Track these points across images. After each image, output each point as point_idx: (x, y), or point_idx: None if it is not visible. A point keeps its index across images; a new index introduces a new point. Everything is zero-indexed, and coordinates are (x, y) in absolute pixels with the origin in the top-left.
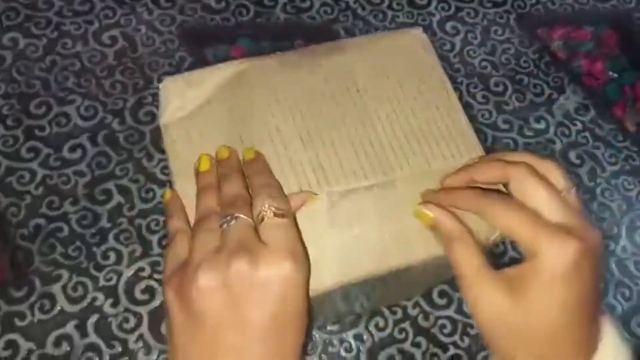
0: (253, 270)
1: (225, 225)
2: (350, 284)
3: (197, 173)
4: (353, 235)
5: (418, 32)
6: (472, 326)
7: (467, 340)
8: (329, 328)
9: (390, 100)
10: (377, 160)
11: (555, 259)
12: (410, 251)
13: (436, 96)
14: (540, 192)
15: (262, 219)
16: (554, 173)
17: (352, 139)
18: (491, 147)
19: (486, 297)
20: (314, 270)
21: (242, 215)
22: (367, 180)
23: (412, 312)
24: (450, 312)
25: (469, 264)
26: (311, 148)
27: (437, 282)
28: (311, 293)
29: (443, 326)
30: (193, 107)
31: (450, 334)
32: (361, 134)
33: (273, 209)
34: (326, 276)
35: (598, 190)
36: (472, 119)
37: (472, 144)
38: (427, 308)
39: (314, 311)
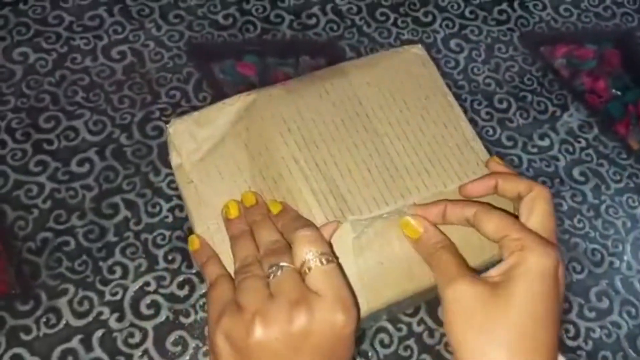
0: (310, 323)
1: (272, 276)
2: (376, 310)
3: (227, 219)
4: (378, 263)
5: (417, 49)
6: None
7: None
8: None
9: (399, 121)
10: (394, 184)
11: (542, 257)
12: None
13: (442, 113)
14: (545, 210)
15: (310, 268)
16: None
17: (367, 165)
18: None
19: (466, 289)
20: None
21: (286, 264)
22: (387, 207)
23: (417, 329)
24: None
25: (454, 266)
26: (330, 178)
27: None
28: None
29: (448, 343)
30: (209, 147)
31: None
32: (376, 160)
33: (318, 255)
34: None
35: (602, 207)
36: None
37: (483, 160)
38: (432, 325)
39: None
